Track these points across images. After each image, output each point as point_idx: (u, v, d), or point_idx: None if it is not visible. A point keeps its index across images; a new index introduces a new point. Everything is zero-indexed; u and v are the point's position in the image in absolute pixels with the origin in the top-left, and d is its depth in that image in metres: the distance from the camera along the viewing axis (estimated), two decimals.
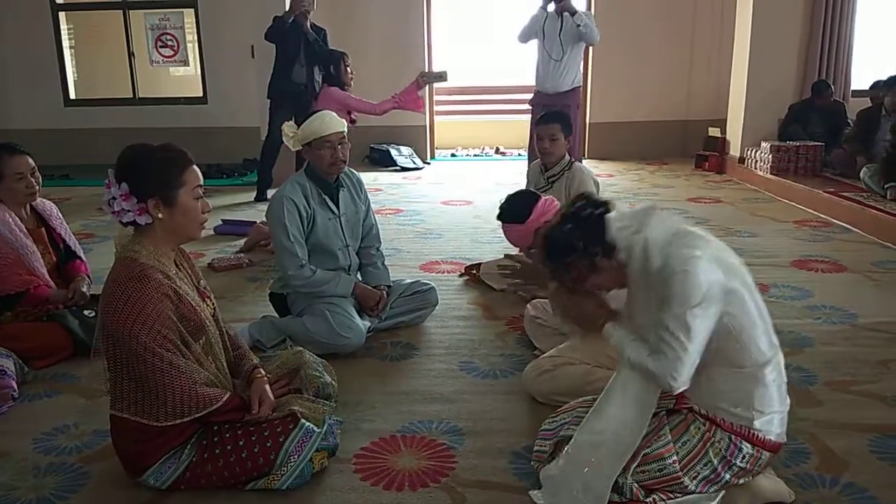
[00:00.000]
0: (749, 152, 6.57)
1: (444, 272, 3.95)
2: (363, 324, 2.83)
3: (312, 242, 2.86)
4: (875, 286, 3.63)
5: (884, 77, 6.03)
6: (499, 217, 2.59)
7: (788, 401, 1.76)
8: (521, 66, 8.80)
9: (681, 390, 1.65)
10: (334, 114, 2.90)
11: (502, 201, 2.68)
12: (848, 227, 4.82)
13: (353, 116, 4.93)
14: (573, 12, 4.83)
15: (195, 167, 1.91)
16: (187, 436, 1.88)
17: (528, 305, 2.89)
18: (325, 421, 2.01)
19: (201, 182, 1.93)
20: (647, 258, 1.65)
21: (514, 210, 2.52)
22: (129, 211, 1.83)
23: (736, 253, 1.75)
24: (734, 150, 6.90)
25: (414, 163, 7.72)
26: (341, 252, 2.95)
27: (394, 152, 7.69)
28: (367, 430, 2.24)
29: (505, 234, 2.63)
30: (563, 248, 1.72)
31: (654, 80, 7.94)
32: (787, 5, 6.57)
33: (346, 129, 2.87)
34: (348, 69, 4.87)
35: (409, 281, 3.17)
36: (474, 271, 3.77)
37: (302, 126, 2.82)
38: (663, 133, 8.03)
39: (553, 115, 3.63)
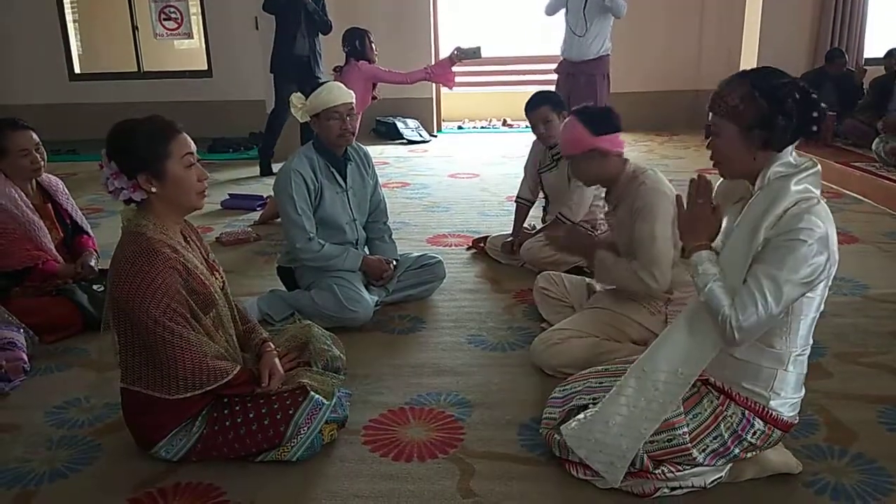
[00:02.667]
0: None
1: (451, 245, 3.94)
2: (371, 298, 2.83)
3: (320, 216, 2.86)
4: (887, 257, 3.60)
5: None
6: (572, 111, 2.36)
7: (803, 392, 1.75)
8: (529, 36, 8.71)
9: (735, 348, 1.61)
10: (342, 85, 2.87)
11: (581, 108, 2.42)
12: (860, 198, 4.76)
13: (375, 93, 4.89)
14: None
15: (183, 135, 1.87)
16: (198, 409, 1.89)
17: (537, 277, 2.87)
18: (335, 393, 2.02)
19: (191, 150, 1.88)
20: (773, 200, 1.57)
21: (594, 116, 2.32)
22: (123, 189, 1.82)
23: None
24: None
25: (420, 136, 7.66)
26: (349, 226, 2.94)
27: (400, 125, 7.64)
28: (376, 403, 2.25)
29: (563, 130, 2.39)
30: (776, 96, 1.56)
31: (663, 49, 7.81)
32: None
33: (354, 101, 2.84)
34: (373, 45, 4.82)
35: (416, 254, 3.17)
36: (482, 244, 3.75)
37: (310, 97, 2.80)
38: (673, 103, 7.92)
39: (539, 97, 3.43)
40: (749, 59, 6.74)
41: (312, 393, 1.93)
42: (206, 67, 7.88)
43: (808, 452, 1.93)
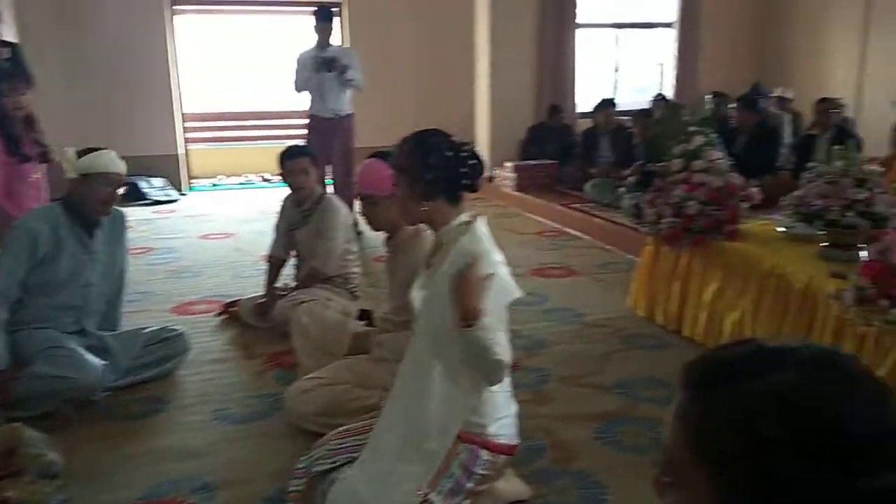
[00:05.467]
0: (496, 171, 7.18)
1: (199, 313, 3.72)
2: (98, 361, 2.56)
3: (46, 276, 2.58)
4: (600, 286, 4.14)
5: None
6: (376, 154, 2.33)
7: (515, 406, 1.93)
8: (280, 90, 8.69)
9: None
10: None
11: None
12: (578, 234, 5.45)
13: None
14: (343, 70, 5.17)
15: None
16: None
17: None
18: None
19: None
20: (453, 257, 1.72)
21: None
22: None
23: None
24: (484, 171, 7.47)
25: (167, 195, 7.19)
26: (82, 291, 2.68)
27: (143, 185, 7.09)
28: (106, 502, 2.02)
29: (368, 169, 2.33)
30: (426, 152, 1.77)
31: (412, 106, 8.28)
32: (519, 43, 7.29)
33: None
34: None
35: (154, 328, 2.93)
36: (233, 308, 3.61)
37: (85, 156, 2.62)
38: None
39: (298, 148, 3.59)
40: (483, 117, 7.48)
41: None
42: None
43: (535, 477, 2.12)
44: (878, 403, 0.61)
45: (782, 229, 3.02)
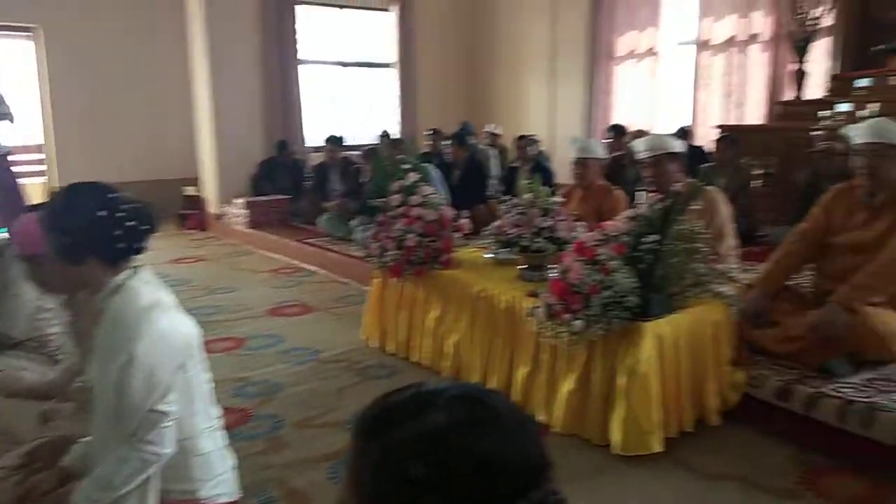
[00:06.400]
0: (225, 209, 6.87)
1: None
2: None
3: None
4: (336, 321, 4.15)
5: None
6: (34, 206, 2.08)
7: (231, 461, 1.82)
8: None
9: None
10: None
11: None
12: (315, 269, 5.44)
13: None
14: None
15: None
16: None
17: None
18: None
19: None
20: (116, 316, 1.58)
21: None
22: None
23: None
24: (213, 208, 7.12)
25: None
26: None
27: None
28: None
29: (24, 225, 2.04)
30: (76, 210, 1.60)
31: (125, 140, 7.56)
32: (241, 76, 7.10)
33: None
34: None
35: None
36: None
37: None
38: (140, 194, 7.64)
39: None
40: (207, 152, 7.14)
41: None
42: None
43: None
44: (518, 435, 0.68)
45: (489, 255, 3.34)
